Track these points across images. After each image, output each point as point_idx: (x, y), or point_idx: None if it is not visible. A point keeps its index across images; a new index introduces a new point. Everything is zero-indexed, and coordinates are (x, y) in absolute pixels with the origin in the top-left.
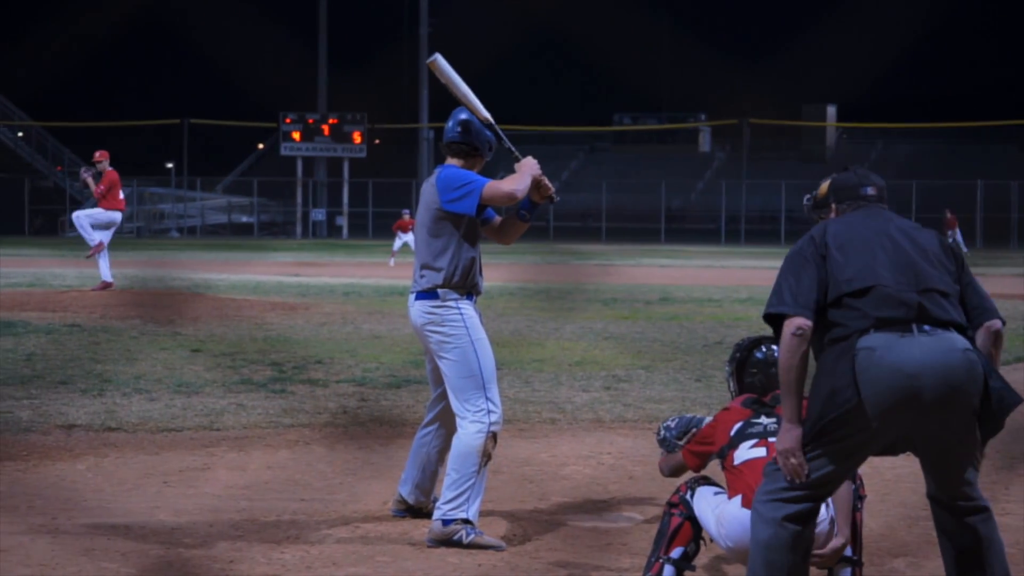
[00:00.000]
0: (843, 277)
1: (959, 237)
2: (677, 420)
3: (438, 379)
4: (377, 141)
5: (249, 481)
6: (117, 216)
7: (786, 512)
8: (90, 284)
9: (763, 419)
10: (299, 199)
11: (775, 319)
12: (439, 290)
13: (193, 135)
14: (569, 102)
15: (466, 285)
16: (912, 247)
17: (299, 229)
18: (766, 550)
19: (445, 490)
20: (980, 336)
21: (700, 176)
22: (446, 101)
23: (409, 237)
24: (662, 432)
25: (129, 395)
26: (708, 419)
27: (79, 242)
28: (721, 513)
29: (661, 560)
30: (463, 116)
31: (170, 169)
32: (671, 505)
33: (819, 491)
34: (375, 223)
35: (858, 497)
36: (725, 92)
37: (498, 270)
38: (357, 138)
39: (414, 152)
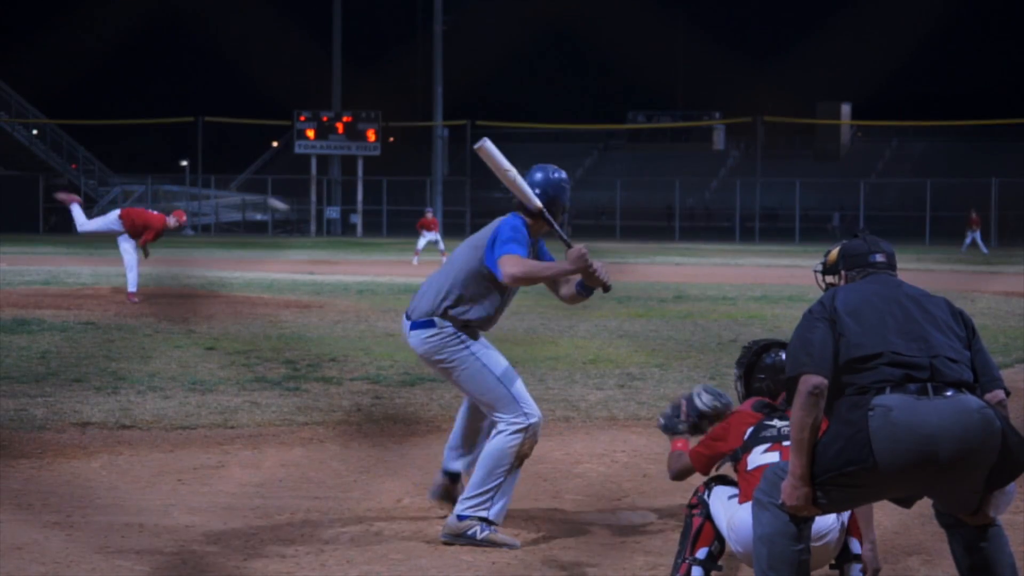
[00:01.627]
0: (853, 342)
1: (979, 238)
2: (668, 406)
3: None
4: (391, 139)
5: (263, 479)
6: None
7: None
8: (104, 282)
9: (776, 422)
10: (313, 197)
11: (792, 382)
12: (436, 319)
13: (207, 133)
14: (583, 100)
15: (469, 328)
16: (922, 315)
17: (313, 227)
18: (768, 538)
19: (470, 487)
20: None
21: (714, 174)
22: (460, 99)
23: (433, 235)
24: (661, 420)
25: (143, 393)
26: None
27: (93, 241)
28: (732, 516)
29: (688, 561)
30: (539, 175)
31: (184, 167)
32: (691, 507)
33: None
34: (389, 221)
35: None
36: (739, 90)
37: None
38: (371, 136)
39: (428, 150)
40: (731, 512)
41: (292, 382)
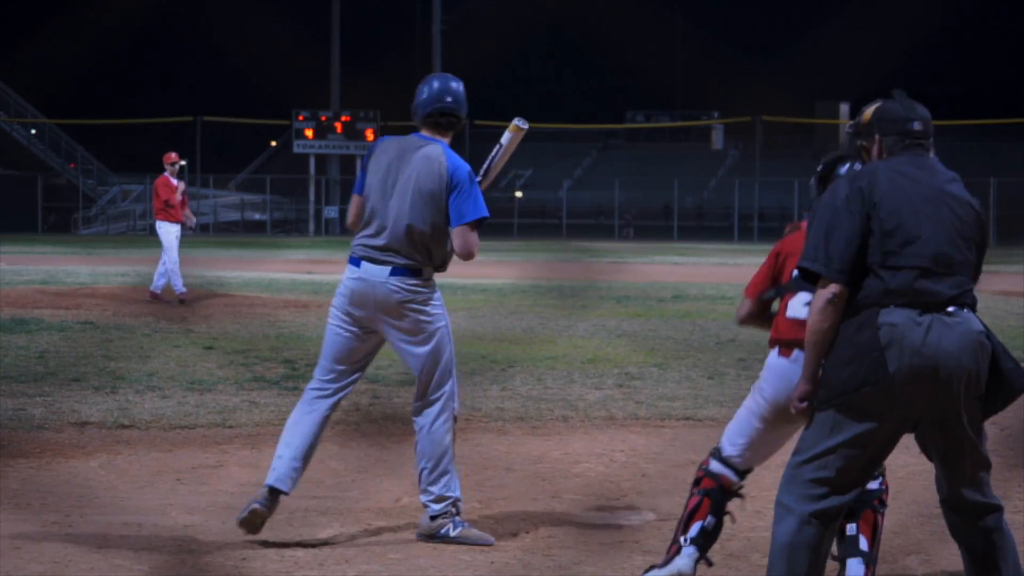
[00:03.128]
0: (883, 248)
1: None
2: None
3: (354, 358)
4: None
5: (261, 478)
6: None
7: (813, 509)
8: (102, 282)
9: None
10: (312, 196)
11: (811, 274)
12: (425, 269)
13: (206, 133)
14: (582, 100)
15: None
16: (956, 225)
17: (312, 227)
18: (789, 548)
19: (427, 485)
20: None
21: (713, 174)
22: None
23: None
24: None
25: (142, 392)
26: None
27: (92, 240)
28: (765, 367)
29: (678, 543)
30: (454, 84)
31: (183, 167)
32: (694, 483)
33: (843, 482)
34: None
35: (881, 503)
36: (738, 89)
37: (510, 267)
38: (370, 135)
39: None
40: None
41: (290, 381)
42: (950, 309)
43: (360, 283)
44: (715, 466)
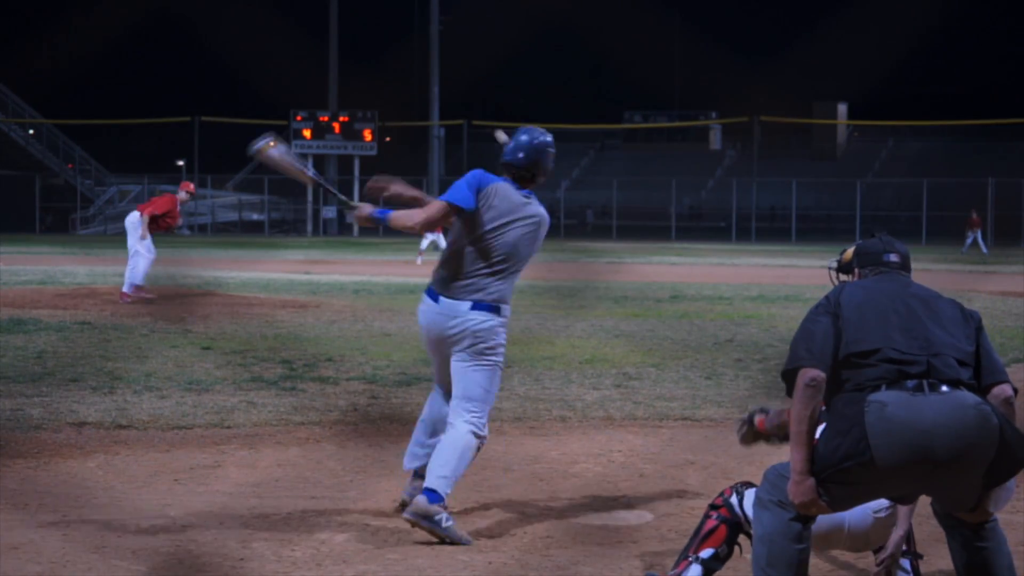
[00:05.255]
0: (853, 337)
1: (979, 239)
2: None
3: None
4: (388, 139)
5: (259, 479)
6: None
7: (788, 504)
8: (100, 282)
9: None
10: (310, 196)
11: (791, 375)
12: (503, 306)
13: (203, 133)
14: (580, 100)
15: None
16: (926, 313)
17: (310, 227)
18: (768, 542)
19: (440, 467)
20: (991, 402)
21: (711, 174)
22: (456, 99)
23: (437, 237)
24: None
25: (140, 393)
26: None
27: (90, 240)
28: None
29: (690, 559)
30: (524, 137)
31: (181, 167)
32: (712, 507)
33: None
34: None
35: None
36: (736, 90)
37: None
38: (368, 136)
39: (425, 150)
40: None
41: (288, 382)
42: (943, 389)
43: None
44: (735, 505)
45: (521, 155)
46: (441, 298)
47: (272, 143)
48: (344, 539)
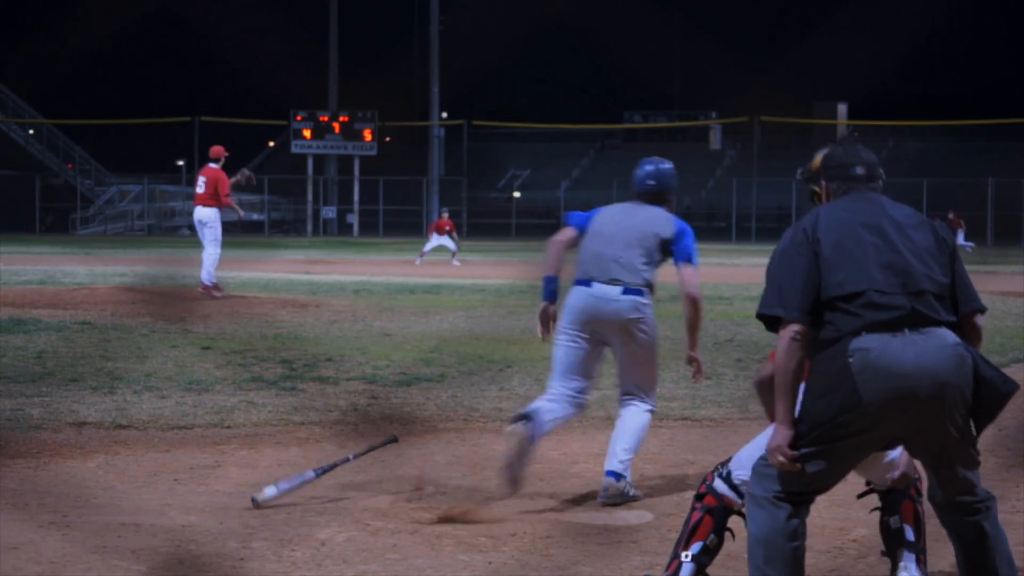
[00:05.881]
0: (835, 280)
1: (961, 239)
2: None
3: (587, 369)
4: (388, 139)
5: (259, 478)
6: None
7: (780, 499)
8: (100, 282)
9: None
10: (310, 196)
11: (770, 321)
12: (645, 290)
13: (204, 133)
14: (580, 100)
15: None
16: (905, 244)
17: (310, 227)
18: (764, 536)
19: (624, 451)
20: (963, 328)
21: (711, 174)
22: (456, 99)
23: (443, 239)
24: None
25: (140, 393)
26: None
27: (90, 240)
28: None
29: (680, 558)
30: (650, 167)
31: (181, 167)
32: (697, 498)
33: (814, 490)
34: (386, 220)
35: (918, 492)
36: (736, 90)
37: (508, 267)
38: (368, 136)
39: (425, 149)
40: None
41: (288, 382)
42: (927, 328)
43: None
44: (720, 486)
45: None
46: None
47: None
48: (345, 539)
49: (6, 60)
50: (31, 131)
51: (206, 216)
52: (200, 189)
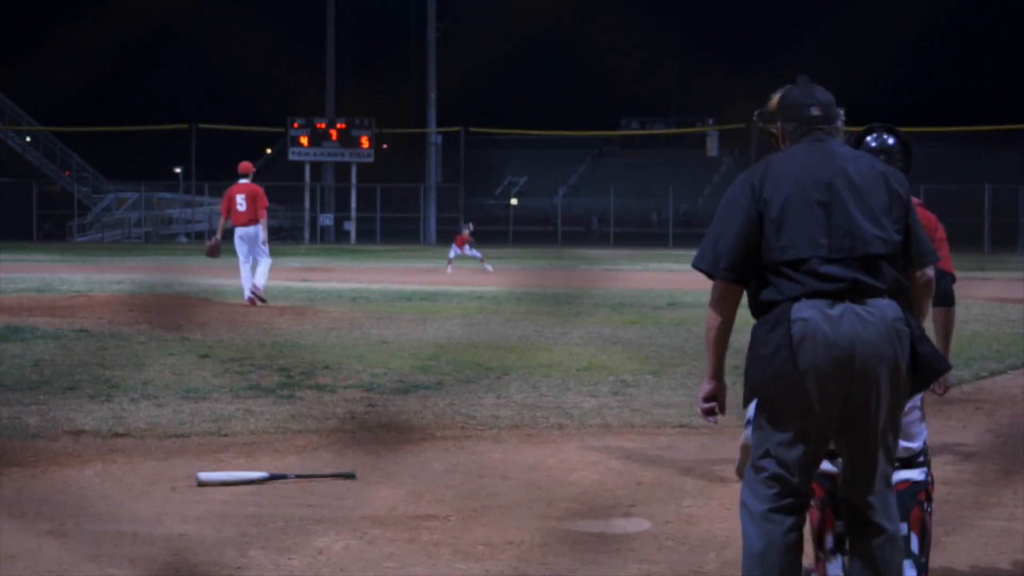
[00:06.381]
0: (778, 244)
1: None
2: None
3: None
4: (385, 146)
5: (256, 487)
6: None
7: (770, 506)
8: (97, 290)
9: None
10: (307, 204)
11: (704, 272)
12: None
13: (201, 140)
14: (577, 106)
15: None
16: (856, 204)
17: (307, 234)
18: (759, 551)
19: None
20: (912, 281)
21: (708, 181)
22: (453, 106)
23: (467, 251)
24: None
25: (137, 401)
26: None
27: (87, 248)
28: None
29: (821, 559)
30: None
31: (178, 174)
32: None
33: (790, 479)
34: (383, 228)
35: (928, 498)
36: (732, 96)
37: (505, 275)
38: (365, 143)
39: (422, 156)
40: None
41: (286, 390)
42: (868, 299)
43: None
44: (826, 465)
45: None
46: None
47: None
48: (342, 548)
49: (3, 67)
50: (28, 138)
51: (251, 234)
52: (241, 207)
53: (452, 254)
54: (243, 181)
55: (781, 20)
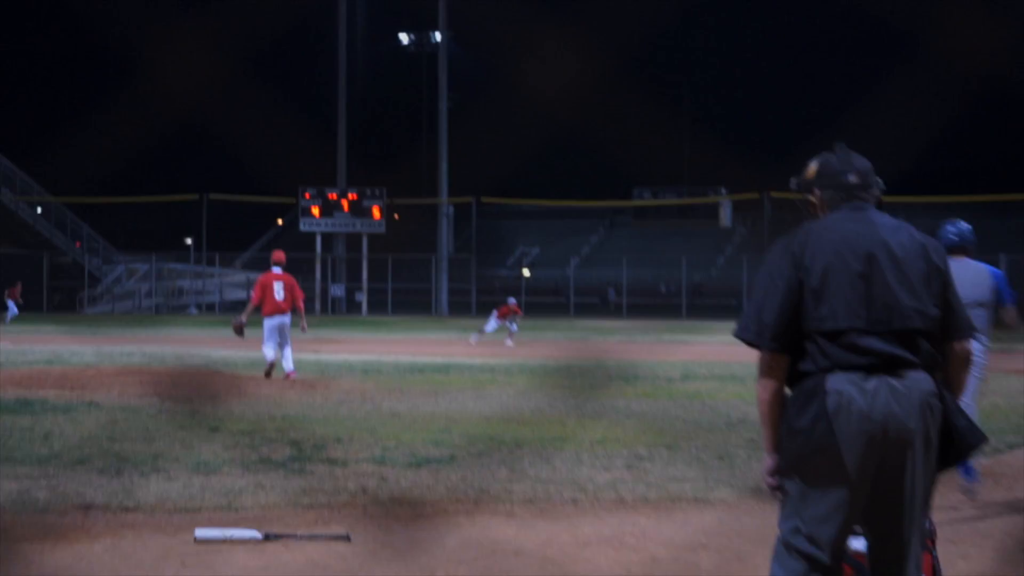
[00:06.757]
0: (817, 313)
1: None
2: None
3: None
4: (396, 216)
5: (267, 562)
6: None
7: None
8: (107, 362)
9: None
10: (318, 275)
11: (748, 343)
12: None
13: (212, 211)
14: (589, 176)
15: None
16: (895, 276)
17: (318, 305)
18: None
19: None
20: (950, 355)
21: (721, 251)
22: (465, 177)
23: (508, 323)
24: None
25: (147, 475)
26: None
27: (97, 319)
28: None
29: None
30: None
31: (189, 245)
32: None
33: (819, 550)
34: (395, 299)
35: (932, 544)
36: (744, 165)
37: (518, 346)
38: (376, 213)
39: (433, 227)
40: None
41: (297, 463)
42: (902, 372)
43: None
44: (855, 543)
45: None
46: None
47: None
48: None
49: (15, 137)
50: (39, 209)
51: (288, 323)
52: (279, 296)
53: (490, 327)
54: (276, 270)
55: (793, 89)
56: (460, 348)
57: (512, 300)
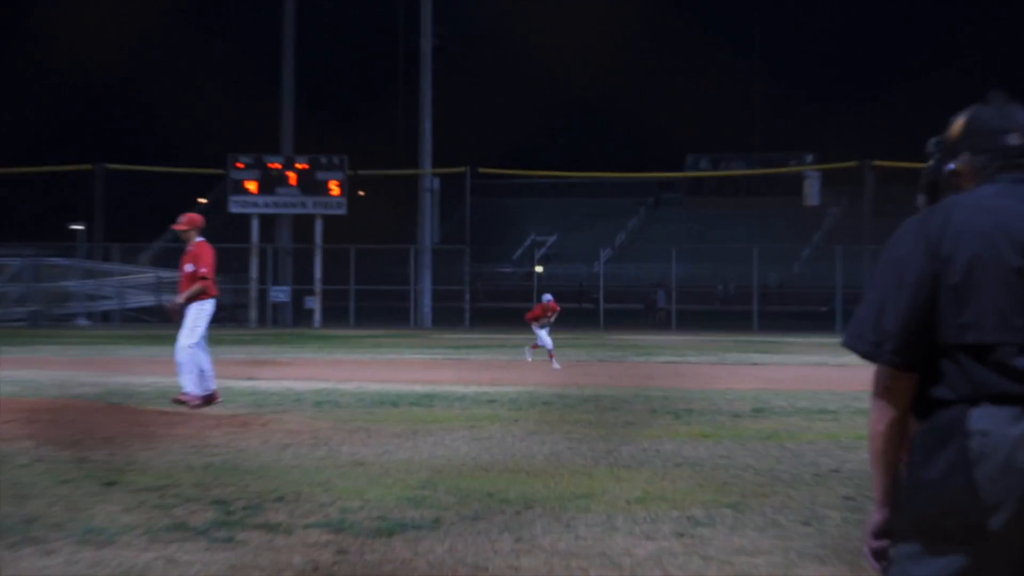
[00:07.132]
0: (957, 320)
1: None
2: None
3: None
4: (362, 193)
5: None
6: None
7: None
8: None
9: None
10: (253, 273)
11: (861, 355)
12: None
13: (110, 186)
14: (624, 140)
15: None
16: None
17: (254, 314)
18: None
19: None
20: None
21: (807, 239)
22: (456, 139)
23: (536, 330)
24: None
25: (17, 547)
26: None
27: None
28: None
29: None
30: None
31: (78, 231)
32: None
33: None
34: (359, 305)
35: None
36: (838, 127)
37: (527, 370)
38: (335, 189)
39: (413, 207)
40: None
41: (224, 530)
42: None
43: None
44: None
45: None
46: None
47: None
48: None
49: None
50: None
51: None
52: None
53: (543, 337)
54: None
55: (900, 32)
56: (449, 373)
57: (548, 297)
